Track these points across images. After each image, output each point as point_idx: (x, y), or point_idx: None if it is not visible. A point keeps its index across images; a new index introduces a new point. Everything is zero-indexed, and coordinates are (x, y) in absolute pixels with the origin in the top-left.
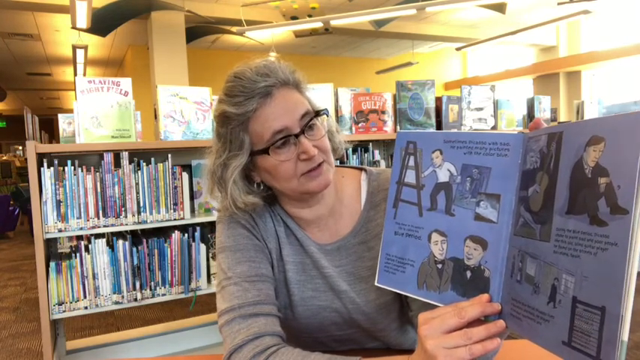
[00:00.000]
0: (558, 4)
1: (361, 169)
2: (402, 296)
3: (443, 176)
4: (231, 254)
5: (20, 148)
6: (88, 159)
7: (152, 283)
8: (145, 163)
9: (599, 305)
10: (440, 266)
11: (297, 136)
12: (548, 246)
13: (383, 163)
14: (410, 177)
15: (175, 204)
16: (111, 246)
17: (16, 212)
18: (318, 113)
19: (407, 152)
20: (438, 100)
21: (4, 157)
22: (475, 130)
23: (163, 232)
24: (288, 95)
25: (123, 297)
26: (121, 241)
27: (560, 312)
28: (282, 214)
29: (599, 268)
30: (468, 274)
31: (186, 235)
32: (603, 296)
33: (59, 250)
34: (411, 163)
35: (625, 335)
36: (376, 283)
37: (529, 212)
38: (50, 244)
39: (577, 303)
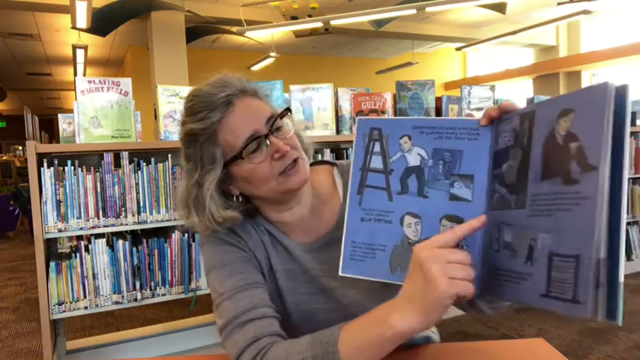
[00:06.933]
0: (558, 4)
1: (332, 164)
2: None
3: (413, 160)
4: (219, 271)
5: (20, 148)
6: (88, 159)
7: (152, 283)
8: (145, 163)
9: (573, 254)
10: None
11: (266, 136)
12: (523, 212)
13: None
14: (376, 162)
15: (175, 204)
16: (111, 246)
17: (16, 212)
18: (281, 114)
19: (371, 138)
20: (438, 100)
21: (4, 157)
22: None
23: (163, 232)
24: (249, 102)
25: (123, 297)
26: (121, 241)
27: (537, 268)
28: (264, 223)
29: (574, 222)
30: None
31: (186, 235)
32: (578, 245)
33: (59, 250)
34: (377, 149)
35: (621, 277)
36: (340, 273)
37: (504, 186)
38: (50, 244)
39: (553, 256)
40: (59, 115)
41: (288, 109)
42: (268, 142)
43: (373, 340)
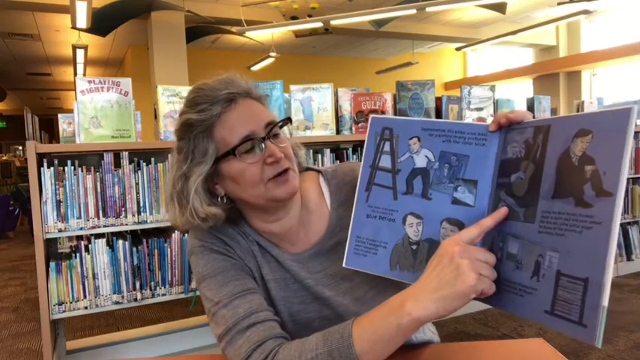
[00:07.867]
0: (558, 4)
1: (317, 172)
2: (395, 283)
3: (420, 162)
4: (211, 280)
5: (20, 148)
6: (88, 159)
7: (152, 283)
8: (145, 163)
9: (582, 276)
10: (415, 247)
11: (262, 140)
12: (532, 227)
13: None
14: (385, 162)
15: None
16: (111, 246)
17: (16, 212)
18: (282, 122)
19: (382, 137)
20: (438, 100)
21: (4, 157)
22: None
23: (163, 232)
24: (252, 104)
25: (123, 297)
26: (121, 241)
27: (543, 284)
28: (252, 233)
29: (584, 244)
30: None
31: (186, 235)
32: (587, 268)
33: (59, 250)
34: (387, 148)
35: (605, 301)
36: (344, 265)
37: (512, 197)
38: (50, 244)
39: (561, 276)
40: (59, 115)
41: (289, 119)
42: (263, 146)
43: (388, 329)
